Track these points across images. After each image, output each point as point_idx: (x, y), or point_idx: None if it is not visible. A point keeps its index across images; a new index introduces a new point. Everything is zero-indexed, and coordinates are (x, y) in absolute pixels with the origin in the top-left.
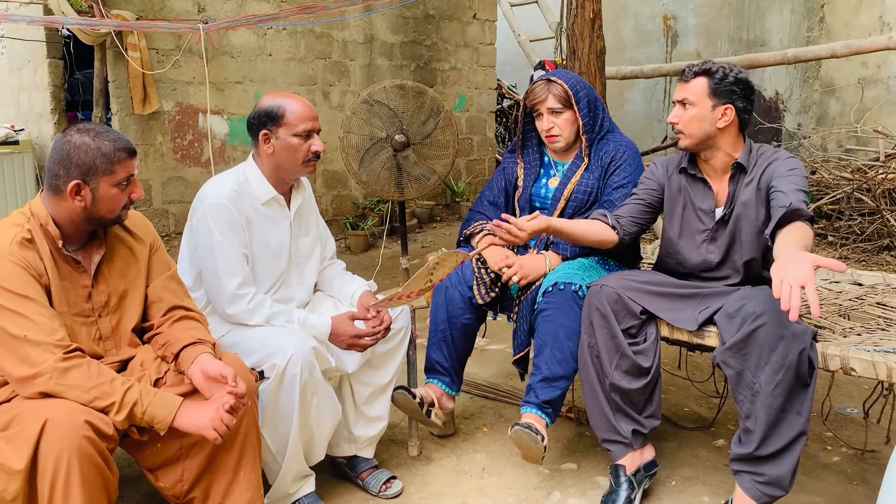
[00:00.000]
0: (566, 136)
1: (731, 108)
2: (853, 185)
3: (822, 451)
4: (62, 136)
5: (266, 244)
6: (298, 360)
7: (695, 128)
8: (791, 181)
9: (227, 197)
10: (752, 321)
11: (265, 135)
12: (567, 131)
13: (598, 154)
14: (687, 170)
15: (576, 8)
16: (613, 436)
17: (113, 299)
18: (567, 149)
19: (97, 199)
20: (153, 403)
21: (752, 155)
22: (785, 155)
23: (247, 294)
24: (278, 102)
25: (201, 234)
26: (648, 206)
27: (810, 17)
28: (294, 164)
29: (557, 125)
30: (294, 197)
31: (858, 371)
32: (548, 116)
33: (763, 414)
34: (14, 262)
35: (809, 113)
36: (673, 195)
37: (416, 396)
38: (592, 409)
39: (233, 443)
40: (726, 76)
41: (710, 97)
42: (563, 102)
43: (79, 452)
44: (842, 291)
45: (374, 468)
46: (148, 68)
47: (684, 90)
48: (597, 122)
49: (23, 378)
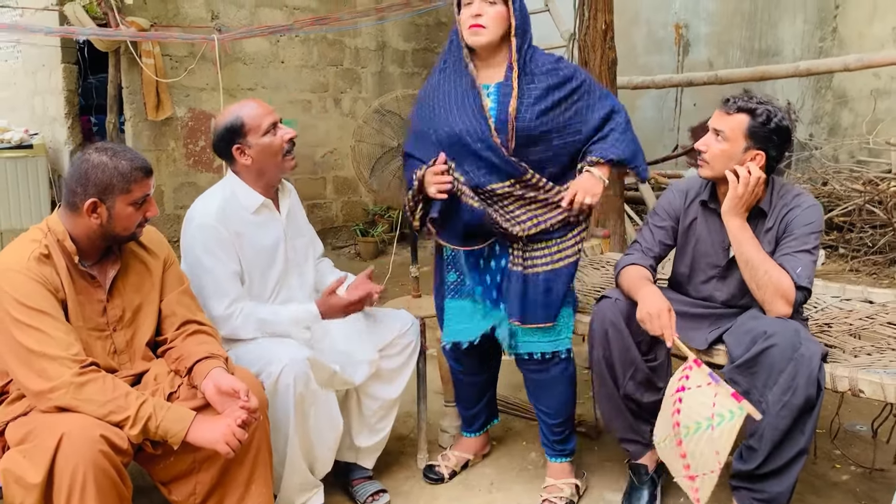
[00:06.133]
0: (492, 30)
1: (762, 155)
2: (865, 198)
3: (831, 470)
4: (81, 154)
5: (260, 251)
6: (291, 371)
7: (721, 163)
8: (802, 241)
9: (213, 215)
10: (763, 341)
11: (238, 149)
12: (494, 26)
13: None
14: (707, 203)
15: (588, 19)
16: (633, 436)
17: (127, 313)
18: (488, 52)
19: (113, 217)
20: (167, 418)
21: (773, 198)
22: (806, 203)
23: (234, 312)
24: (233, 115)
25: (190, 257)
26: (669, 237)
27: (823, 26)
28: (275, 163)
29: (487, 15)
30: (282, 201)
31: (867, 393)
32: (479, 2)
33: (768, 433)
34: (31, 278)
35: (822, 123)
36: (686, 228)
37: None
38: (610, 413)
39: (245, 457)
40: (769, 121)
41: (745, 138)
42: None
43: (94, 466)
44: (852, 310)
45: (367, 479)
46: (161, 75)
47: (722, 121)
48: (527, 39)
49: (40, 392)
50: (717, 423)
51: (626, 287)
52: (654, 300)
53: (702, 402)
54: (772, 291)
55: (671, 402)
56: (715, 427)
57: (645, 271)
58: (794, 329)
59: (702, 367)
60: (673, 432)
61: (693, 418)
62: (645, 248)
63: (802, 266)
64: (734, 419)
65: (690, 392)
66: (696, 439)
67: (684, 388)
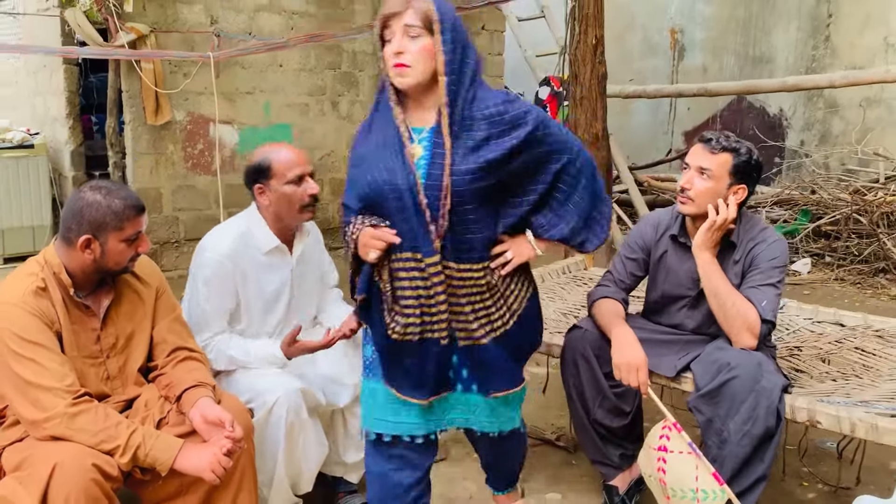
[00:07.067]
0: (419, 69)
1: (744, 189)
2: (851, 207)
3: (799, 488)
4: (77, 191)
5: (262, 294)
6: (284, 403)
7: (705, 200)
8: (767, 275)
9: (225, 250)
10: (727, 372)
11: (259, 188)
12: (421, 64)
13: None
14: (677, 237)
15: (579, 34)
16: (603, 458)
17: (120, 341)
18: (419, 92)
19: (106, 253)
20: (155, 447)
21: (741, 231)
22: (771, 238)
23: (209, 345)
24: (264, 155)
25: (192, 282)
26: (640, 269)
27: (816, 35)
28: (292, 213)
29: (410, 52)
30: (297, 243)
31: (824, 425)
32: (400, 37)
33: (729, 461)
34: (28, 312)
35: (812, 130)
36: (657, 260)
37: None
38: (582, 436)
39: (230, 481)
40: (750, 159)
41: (730, 175)
42: (424, 23)
43: (86, 494)
44: (823, 333)
45: (351, 493)
46: (161, 79)
47: (707, 160)
48: (464, 77)
49: (35, 421)
50: (702, 497)
51: (599, 321)
52: (631, 351)
53: (685, 471)
54: (739, 324)
55: (654, 458)
56: (700, 501)
57: (618, 307)
58: (756, 362)
59: (682, 432)
60: (660, 486)
61: (678, 484)
62: (617, 280)
63: (768, 300)
64: (717, 500)
65: (673, 456)
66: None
67: (666, 448)
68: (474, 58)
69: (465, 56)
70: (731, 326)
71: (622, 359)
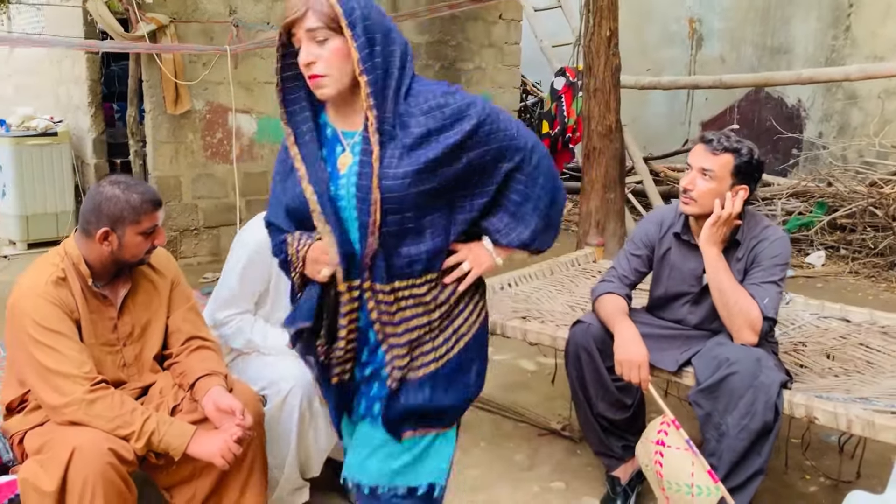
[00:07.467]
0: (336, 76)
1: (746, 189)
2: (867, 200)
3: (801, 481)
4: (96, 186)
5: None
6: (298, 392)
7: (708, 201)
8: (769, 273)
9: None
10: (726, 367)
11: None
12: (336, 69)
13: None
14: (680, 235)
15: (593, 26)
16: (605, 450)
17: (136, 329)
18: (346, 96)
19: (123, 245)
20: (169, 433)
21: (745, 228)
22: (774, 235)
23: (230, 322)
24: None
25: (229, 259)
26: (644, 265)
27: (836, 25)
28: None
29: (322, 58)
30: None
31: (821, 421)
32: (307, 44)
33: (727, 454)
34: (49, 301)
35: (831, 122)
36: (660, 257)
37: None
38: (586, 428)
39: (241, 466)
40: (752, 159)
41: (732, 175)
42: (328, 23)
43: (103, 477)
44: (828, 329)
45: None
46: (180, 69)
47: (709, 161)
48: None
49: (55, 406)
50: (697, 493)
51: (602, 316)
52: (633, 348)
53: (681, 466)
54: (741, 321)
55: (651, 451)
56: (695, 495)
57: (622, 302)
58: (755, 357)
59: (680, 430)
60: (656, 477)
61: (675, 478)
62: (621, 276)
63: (770, 297)
64: (710, 497)
65: (670, 451)
66: (677, 497)
67: (664, 443)
68: (401, 47)
69: (386, 47)
70: (733, 323)
71: (624, 355)
